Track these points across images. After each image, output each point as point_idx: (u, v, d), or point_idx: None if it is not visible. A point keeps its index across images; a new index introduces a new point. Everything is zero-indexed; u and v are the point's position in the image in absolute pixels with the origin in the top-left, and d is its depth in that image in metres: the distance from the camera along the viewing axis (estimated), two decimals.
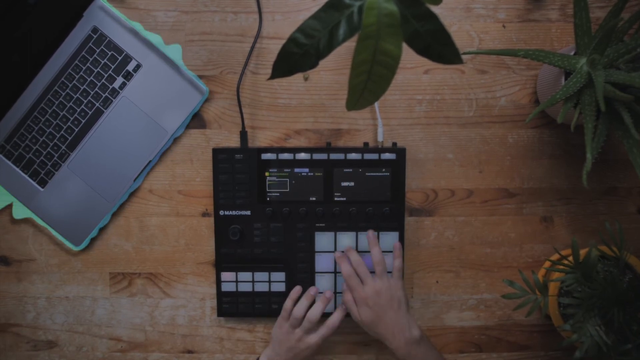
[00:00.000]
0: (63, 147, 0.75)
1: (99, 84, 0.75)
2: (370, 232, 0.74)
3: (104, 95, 0.75)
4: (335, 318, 0.73)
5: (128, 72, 0.75)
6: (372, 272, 0.72)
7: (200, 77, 0.76)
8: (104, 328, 0.80)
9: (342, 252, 0.75)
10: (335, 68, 0.76)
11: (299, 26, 0.42)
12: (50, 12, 0.71)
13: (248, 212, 0.75)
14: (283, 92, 0.77)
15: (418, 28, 0.42)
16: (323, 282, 0.77)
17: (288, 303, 0.75)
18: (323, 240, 0.76)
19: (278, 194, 0.75)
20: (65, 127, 0.75)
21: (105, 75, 0.75)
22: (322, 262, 0.76)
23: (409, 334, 0.68)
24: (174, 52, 0.75)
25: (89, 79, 0.74)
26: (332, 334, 0.73)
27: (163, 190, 0.78)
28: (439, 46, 0.43)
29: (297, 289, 0.76)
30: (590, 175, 0.77)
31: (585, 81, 0.62)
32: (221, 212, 0.75)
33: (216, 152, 0.75)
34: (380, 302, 0.69)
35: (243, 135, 0.75)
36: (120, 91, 0.75)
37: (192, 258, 0.78)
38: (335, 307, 0.76)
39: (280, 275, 0.77)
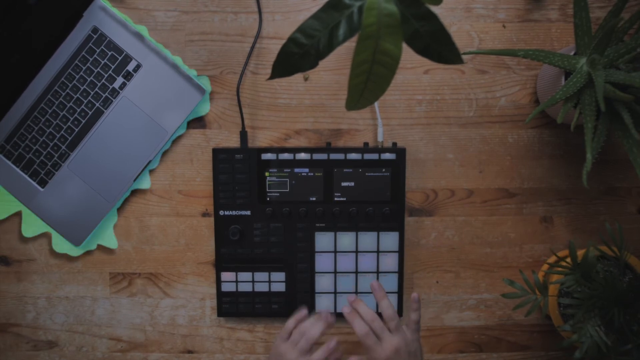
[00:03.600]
0: (63, 147, 0.75)
1: (99, 84, 0.75)
2: (376, 284, 0.70)
3: (104, 95, 0.75)
4: (319, 354, 0.67)
5: (128, 72, 0.75)
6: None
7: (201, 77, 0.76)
8: (104, 328, 0.80)
9: (350, 307, 0.70)
10: (335, 68, 0.76)
11: (298, 26, 0.42)
12: (50, 12, 0.71)
13: (248, 212, 0.75)
14: (283, 92, 0.77)
15: (418, 28, 0.42)
16: (323, 283, 0.77)
17: (290, 322, 0.70)
18: (323, 240, 0.76)
19: (278, 194, 0.75)
20: (65, 127, 0.75)
21: (105, 76, 0.75)
22: (322, 262, 0.76)
23: None
24: (174, 54, 0.76)
25: (89, 79, 0.74)
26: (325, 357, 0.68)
27: (163, 190, 0.78)
28: (439, 46, 0.43)
29: (305, 313, 0.71)
30: (590, 175, 0.77)
31: (585, 81, 0.62)
32: (221, 212, 0.75)
33: (216, 152, 0.75)
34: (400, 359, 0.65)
35: (243, 135, 0.75)
36: (120, 91, 0.75)
37: (192, 258, 0.78)
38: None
39: (280, 275, 0.77)
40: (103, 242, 0.78)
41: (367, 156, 0.74)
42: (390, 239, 0.76)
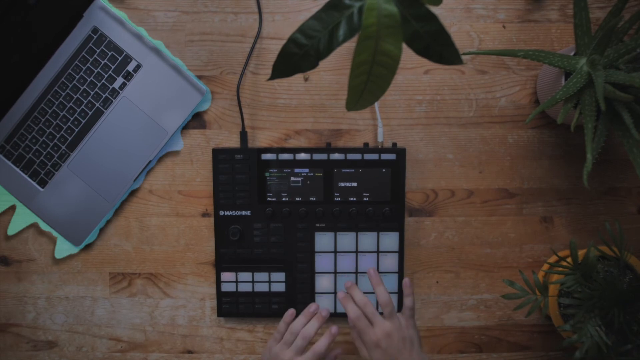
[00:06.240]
0: (63, 147, 0.75)
1: (99, 84, 0.75)
2: (372, 270, 0.70)
3: (104, 96, 0.75)
4: (321, 344, 0.68)
5: (128, 73, 0.75)
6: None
7: (200, 77, 0.76)
8: (104, 328, 0.80)
9: (345, 292, 0.71)
10: (335, 68, 0.76)
11: (299, 27, 0.42)
12: (50, 12, 0.71)
13: (248, 212, 0.75)
14: (283, 92, 0.77)
15: (418, 29, 0.42)
16: (323, 283, 0.77)
17: (282, 326, 0.72)
18: (323, 240, 0.76)
19: (278, 194, 0.75)
20: (65, 127, 0.75)
21: (106, 76, 0.75)
22: (322, 262, 0.76)
23: None
24: (174, 53, 0.76)
25: (89, 79, 0.74)
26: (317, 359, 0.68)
27: (163, 190, 0.78)
28: (439, 47, 0.43)
29: (292, 312, 0.73)
30: (590, 175, 0.77)
31: (585, 81, 0.62)
32: (221, 212, 0.75)
33: (216, 152, 0.75)
34: (392, 344, 0.65)
35: (243, 135, 0.75)
36: (120, 91, 0.75)
37: (192, 258, 0.78)
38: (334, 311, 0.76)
39: (280, 276, 0.77)
40: None
41: (367, 156, 0.74)
42: (390, 239, 0.76)
